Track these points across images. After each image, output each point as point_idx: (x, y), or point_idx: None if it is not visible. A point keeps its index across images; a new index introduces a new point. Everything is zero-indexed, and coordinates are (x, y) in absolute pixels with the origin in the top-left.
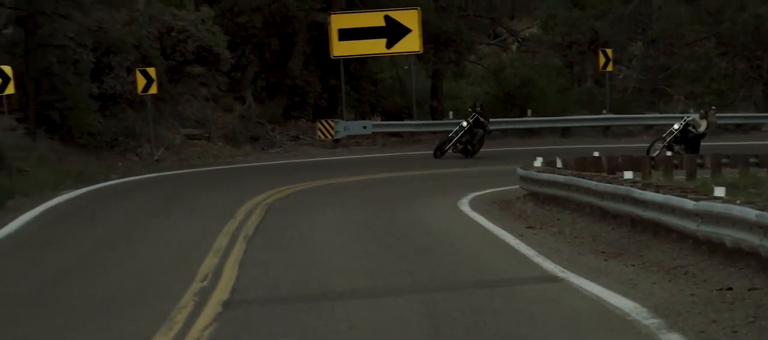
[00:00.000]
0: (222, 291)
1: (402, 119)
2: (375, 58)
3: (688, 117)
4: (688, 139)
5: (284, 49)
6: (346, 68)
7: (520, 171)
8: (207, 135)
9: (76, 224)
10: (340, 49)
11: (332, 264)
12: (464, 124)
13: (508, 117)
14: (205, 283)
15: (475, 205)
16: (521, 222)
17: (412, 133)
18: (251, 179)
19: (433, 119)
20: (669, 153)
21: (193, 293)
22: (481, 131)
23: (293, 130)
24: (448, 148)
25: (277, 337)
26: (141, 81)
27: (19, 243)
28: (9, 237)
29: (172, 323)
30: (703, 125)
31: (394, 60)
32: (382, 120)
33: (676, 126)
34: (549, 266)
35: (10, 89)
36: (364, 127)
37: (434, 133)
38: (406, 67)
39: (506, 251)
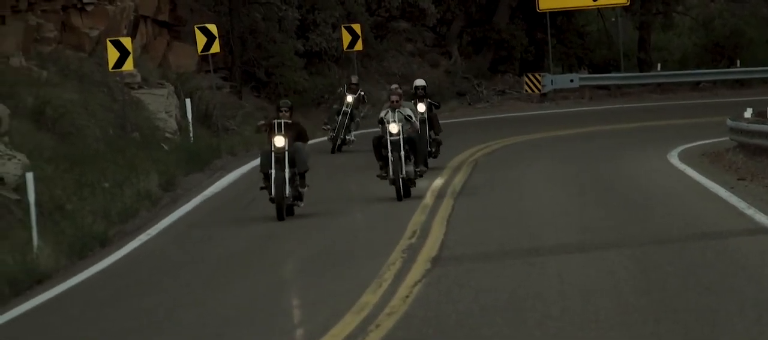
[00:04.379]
0: (430, 248)
1: (609, 72)
2: (581, 11)
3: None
4: None
5: (490, 3)
6: (552, 21)
7: (730, 122)
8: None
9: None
10: (547, 2)
11: (541, 219)
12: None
13: (716, 68)
14: (414, 240)
15: (684, 157)
16: (732, 174)
17: (619, 86)
18: (458, 134)
19: (641, 71)
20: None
21: (401, 249)
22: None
23: (500, 84)
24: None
25: (487, 292)
26: (346, 37)
27: (227, 202)
28: (217, 196)
29: (381, 280)
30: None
31: (601, 12)
32: (590, 73)
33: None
34: (762, 218)
35: (216, 48)
36: (571, 81)
37: (643, 85)
38: (613, 19)
39: (717, 203)
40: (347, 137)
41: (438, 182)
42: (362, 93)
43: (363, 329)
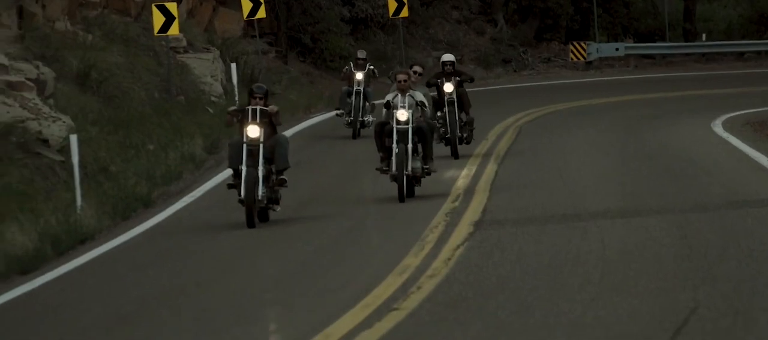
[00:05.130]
0: (473, 212)
1: (654, 41)
2: None
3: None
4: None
5: None
6: None
7: None
8: (459, 58)
9: (328, 146)
10: None
11: (583, 185)
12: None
13: (761, 39)
14: (457, 204)
15: (727, 126)
16: None
17: (664, 56)
18: (503, 101)
19: (686, 42)
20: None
21: (444, 213)
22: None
23: (545, 52)
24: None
25: (528, 256)
26: (392, 4)
27: None
28: None
29: (423, 243)
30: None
31: None
32: (634, 42)
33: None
34: None
35: (262, 13)
36: (617, 50)
37: (688, 55)
38: None
39: (759, 172)
40: (365, 119)
41: (481, 147)
42: (372, 67)
43: (404, 290)
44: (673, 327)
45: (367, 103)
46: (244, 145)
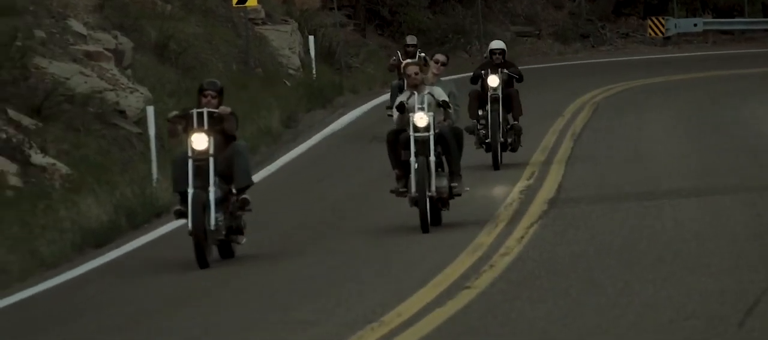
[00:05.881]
0: (548, 189)
1: (733, 17)
2: None
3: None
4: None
5: None
6: None
7: None
8: (537, 32)
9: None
10: None
11: (659, 163)
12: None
13: None
14: (531, 181)
15: None
16: None
17: (743, 31)
18: (580, 76)
19: (766, 17)
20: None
21: (518, 190)
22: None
23: (623, 27)
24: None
25: (602, 235)
26: None
27: (348, 140)
28: (337, 133)
29: (497, 221)
30: None
31: None
32: (713, 17)
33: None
34: None
35: None
36: (695, 25)
37: (766, 30)
38: None
39: None
40: None
41: (558, 123)
42: (423, 55)
43: (477, 268)
44: (744, 307)
45: None
46: (190, 160)
